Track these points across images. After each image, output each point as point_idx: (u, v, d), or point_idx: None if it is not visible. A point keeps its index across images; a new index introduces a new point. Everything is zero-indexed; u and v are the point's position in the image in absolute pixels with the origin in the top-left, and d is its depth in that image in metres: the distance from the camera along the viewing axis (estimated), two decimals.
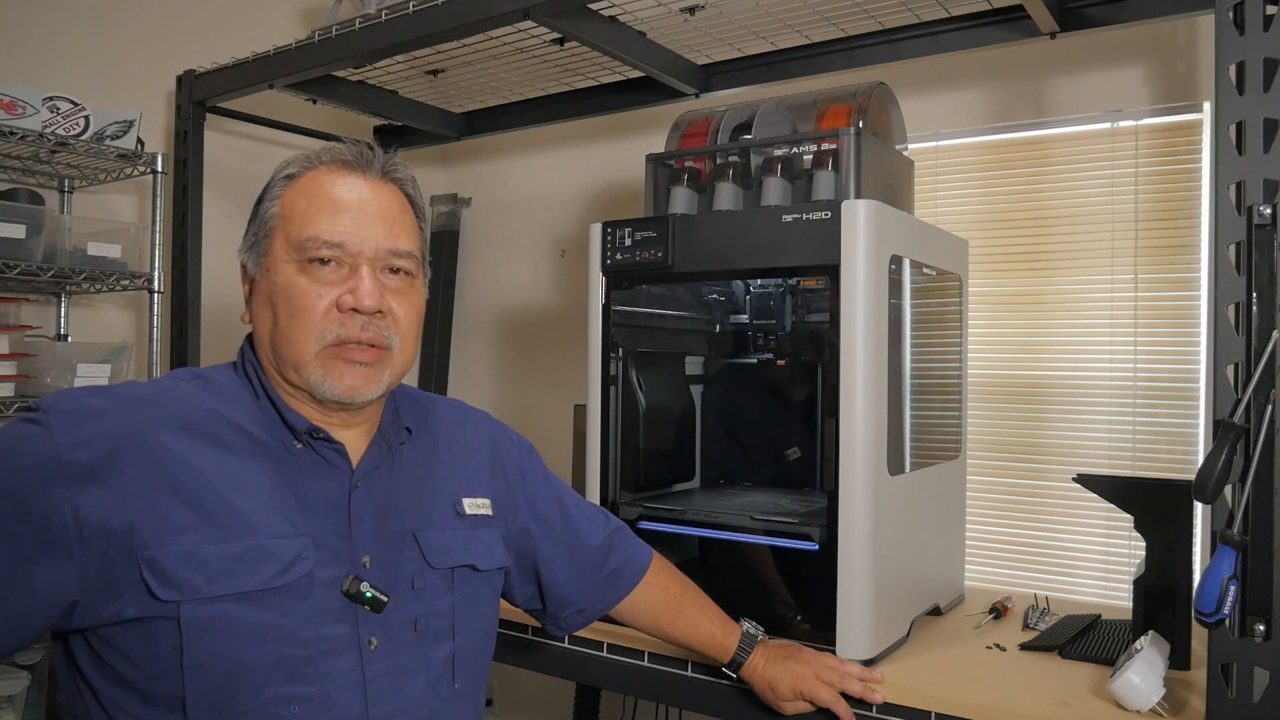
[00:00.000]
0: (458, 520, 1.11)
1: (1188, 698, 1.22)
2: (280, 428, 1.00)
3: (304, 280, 0.97)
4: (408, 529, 1.05)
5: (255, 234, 1.02)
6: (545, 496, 1.25)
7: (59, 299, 2.20)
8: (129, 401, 0.94)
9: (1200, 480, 1.05)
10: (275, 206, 1.01)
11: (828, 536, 1.35)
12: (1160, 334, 1.89)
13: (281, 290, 0.98)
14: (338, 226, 0.98)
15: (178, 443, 0.93)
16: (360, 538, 1.00)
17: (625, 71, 2.16)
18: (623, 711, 2.38)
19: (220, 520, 0.92)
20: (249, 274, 1.03)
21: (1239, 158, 1.06)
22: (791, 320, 1.70)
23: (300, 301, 0.97)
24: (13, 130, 1.85)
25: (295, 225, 0.99)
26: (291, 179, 1.02)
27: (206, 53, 2.20)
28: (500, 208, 2.88)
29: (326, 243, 0.97)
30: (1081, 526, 1.96)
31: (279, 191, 1.02)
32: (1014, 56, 1.99)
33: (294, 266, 0.98)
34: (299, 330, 0.97)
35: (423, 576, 1.04)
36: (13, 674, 1.87)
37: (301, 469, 0.99)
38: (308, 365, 0.98)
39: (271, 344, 0.99)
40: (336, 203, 0.99)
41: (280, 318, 0.98)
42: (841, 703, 1.27)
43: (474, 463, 1.17)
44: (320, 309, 0.97)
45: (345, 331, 0.98)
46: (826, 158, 1.46)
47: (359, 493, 1.01)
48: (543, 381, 2.76)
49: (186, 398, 0.97)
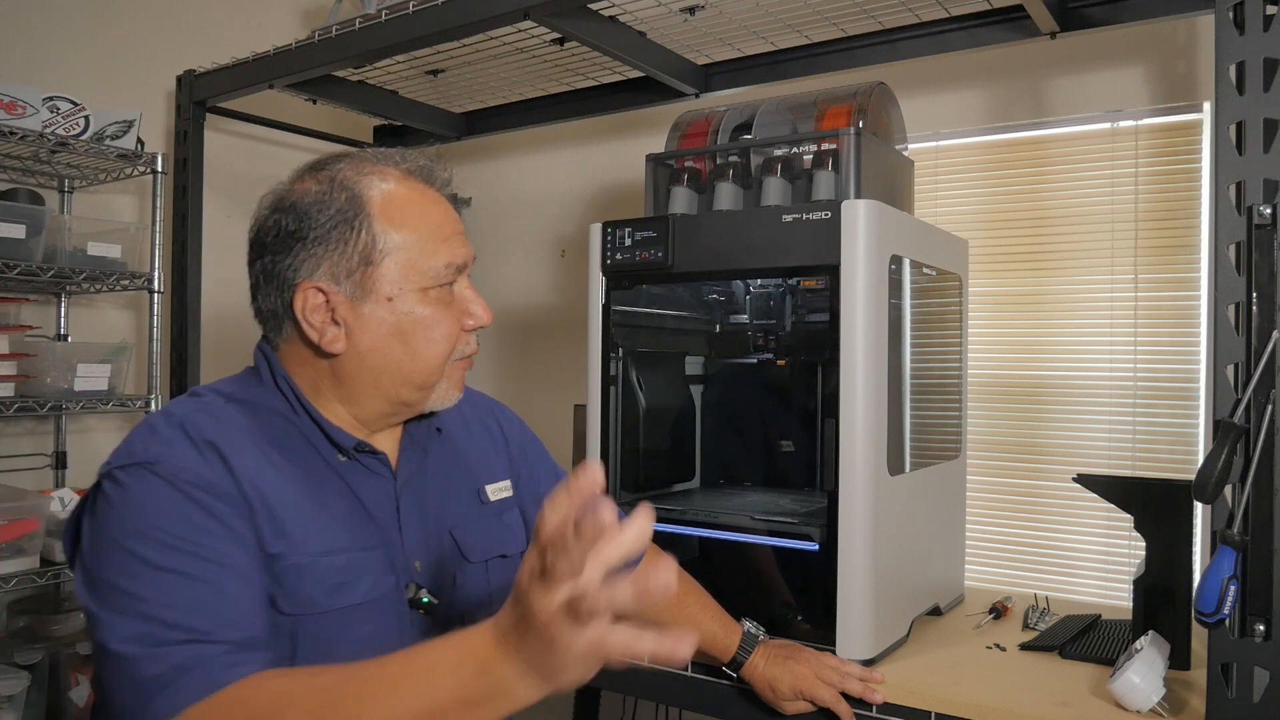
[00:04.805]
0: (483, 509, 1.13)
1: (1188, 698, 1.22)
2: (324, 443, 1.00)
3: (436, 307, 0.99)
4: (445, 527, 1.07)
5: (351, 259, 0.96)
6: (546, 472, 1.27)
7: (59, 299, 2.20)
8: (202, 440, 0.93)
9: (1200, 480, 1.05)
10: (376, 228, 0.96)
11: (828, 536, 1.35)
12: (1160, 334, 1.89)
13: (420, 320, 0.98)
14: (457, 250, 1.01)
15: (259, 468, 0.93)
16: (410, 543, 1.02)
17: (625, 71, 2.16)
18: (623, 711, 2.38)
19: (309, 537, 0.93)
20: (339, 300, 0.96)
21: (1239, 158, 1.06)
22: (791, 320, 1.70)
23: (440, 330, 1.00)
24: (13, 130, 1.85)
25: (420, 253, 0.98)
26: (376, 199, 0.97)
27: (206, 53, 2.20)
28: (500, 208, 2.88)
29: (459, 267, 1.01)
30: (1081, 526, 1.96)
31: (371, 210, 0.96)
32: (1014, 56, 1.98)
33: (419, 294, 0.98)
34: (438, 356, 1.00)
35: (463, 572, 1.07)
36: (13, 674, 1.87)
37: (352, 482, 1.00)
38: (436, 385, 1.02)
39: (400, 372, 0.99)
40: (443, 225, 1.01)
41: (418, 347, 0.99)
42: (842, 703, 1.27)
43: (488, 446, 1.19)
44: (455, 333, 1.01)
45: (470, 349, 1.04)
46: (826, 158, 1.46)
47: (404, 499, 1.03)
48: (543, 381, 2.76)
49: (241, 428, 0.96)
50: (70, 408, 2.02)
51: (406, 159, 1.03)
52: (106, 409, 2.11)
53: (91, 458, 2.25)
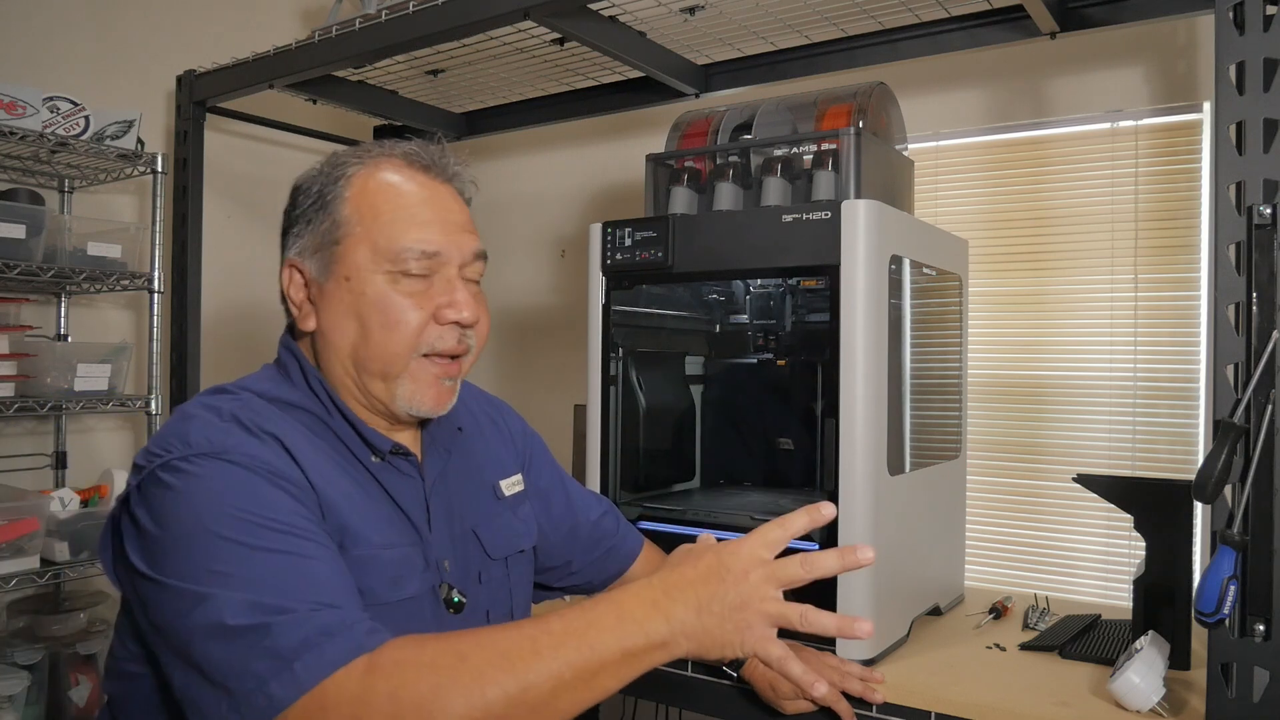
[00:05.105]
0: (499, 505, 1.13)
1: (1188, 698, 1.22)
2: (358, 444, 0.99)
3: (398, 292, 0.95)
4: (469, 526, 1.07)
5: (323, 237, 0.97)
6: (547, 468, 1.28)
7: (59, 299, 2.20)
8: (262, 431, 0.91)
9: (1200, 480, 1.05)
10: (347, 209, 0.97)
11: (828, 536, 1.35)
12: (1160, 334, 1.89)
13: (373, 303, 0.95)
14: (430, 235, 0.96)
15: (315, 462, 0.92)
16: (439, 543, 1.02)
17: (625, 71, 2.16)
18: (622, 711, 2.38)
19: (368, 531, 0.93)
20: (311, 278, 0.99)
21: (1239, 158, 1.06)
22: (791, 320, 1.70)
23: (396, 315, 0.95)
24: (13, 130, 1.85)
25: (382, 233, 0.95)
26: (358, 178, 0.98)
27: (206, 53, 2.20)
28: (500, 208, 2.88)
29: (424, 253, 0.95)
30: (1081, 526, 1.96)
31: (346, 191, 0.97)
32: (1014, 56, 1.99)
33: (384, 277, 0.95)
34: (396, 343, 0.96)
35: (487, 569, 1.07)
36: (13, 674, 1.87)
37: (385, 482, 1.00)
38: (399, 378, 0.97)
39: (354, 356, 0.97)
40: (423, 209, 0.97)
41: (373, 331, 0.95)
42: (842, 702, 1.27)
43: (497, 441, 1.20)
44: (417, 322, 0.95)
45: (443, 344, 0.97)
46: (826, 158, 1.46)
47: (433, 500, 1.03)
48: (543, 381, 2.76)
49: (289, 424, 0.95)
50: (70, 408, 2.02)
51: (413, 147, 1.02)
52: (106, 409, 2.11)
53: (91, 458, 2.25)
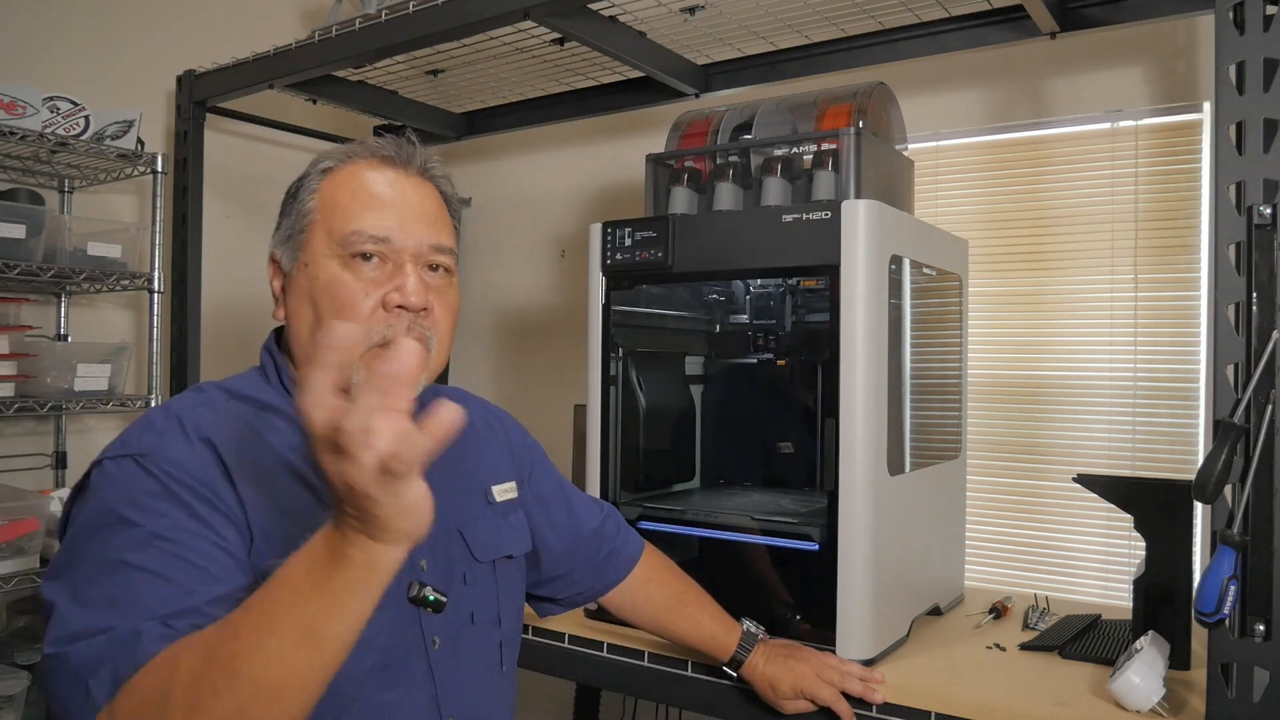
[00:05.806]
0: (490, 510, 1.12)
1: (1188, 698, 1.22)
2: None
3: (348, 276, 0.95)
4: (453, 526, 1.06)
5: (291, 227, 0.99)
6: (548, 476, 1.27)
7: (59, 299, 2.20)
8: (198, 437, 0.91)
9: (1200, 480, 1.05)
10: (314, 200, 0.98)
11: (828, 536, 1.35)
12: (1160, 334, 1.89)
13: (324, 286, 0.95)
14: (383, 221, 0.96)
15: (255, 467, 0.91)
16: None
17: (625, 71, 2.16)
18: (623, 711, 2.38)
19: (305, 537, 0.92)
20: (283, 269, 1.00)
21: (1239, 158, 1.06)
22: (791, 320, 1.70)
23: (344, 298, 0.94)
24: (13, 130, 1.85)
25: (337, 219, 0.96)
26: (329, 171, 1.00)
27: (206, 53, 2.20)
28: (500, 208, 2.88)
29: (372, 237, 0.95)
30: (1081, 526, 1.96)
31: (316, 184, 0.99)
32: (1014, 56, 1.98)
33: (336, 262, 0.95)
34: None
35: (472, 571, 1.06)
36: (13, 674, 1.87)
37: None
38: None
39: (312, 340, 0.96)
40: (379, 197, 0.97)
41: (323, 315, 0.95)
42: (842, 702, 1.27)
43: (493, 447, 1.19)
44: (366, 306, 0.94)
45: (392, 332, 0.95)
46: (826, 158, 1.46)
47: None
48: (543, 381, 2.76)
49: (242, 425, 0.95)
50: (70, 408, 2.02)
51: (382, 142, 1.02)
52: (106, 409, 2.11)
53: (91, 458, 2.25)
